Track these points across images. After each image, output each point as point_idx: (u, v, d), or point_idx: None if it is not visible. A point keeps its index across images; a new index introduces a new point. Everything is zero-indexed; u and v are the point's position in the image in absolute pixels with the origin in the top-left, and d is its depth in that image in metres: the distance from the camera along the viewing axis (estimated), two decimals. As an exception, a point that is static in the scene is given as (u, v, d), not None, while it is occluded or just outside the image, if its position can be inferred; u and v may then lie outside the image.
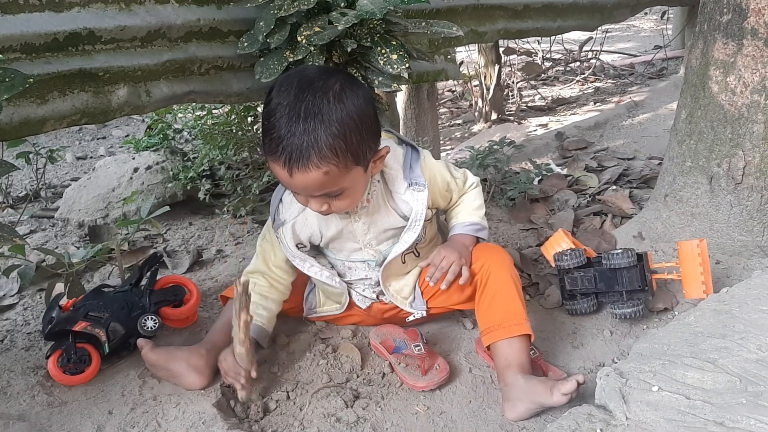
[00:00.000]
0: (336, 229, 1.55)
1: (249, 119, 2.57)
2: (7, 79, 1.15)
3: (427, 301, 1.64)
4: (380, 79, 1.77)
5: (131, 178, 2.53)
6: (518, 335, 1.45)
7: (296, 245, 1.56)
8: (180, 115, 2.77)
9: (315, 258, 1.60)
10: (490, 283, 1.53)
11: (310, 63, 1.69)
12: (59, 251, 2.06)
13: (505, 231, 2.25)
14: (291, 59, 1.72)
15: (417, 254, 1.62)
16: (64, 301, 1.65)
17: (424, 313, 1.65)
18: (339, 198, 1.38)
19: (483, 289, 1.54)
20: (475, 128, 4.04)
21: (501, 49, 4.10)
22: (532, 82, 5.03)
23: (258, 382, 1.49)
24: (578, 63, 5.37)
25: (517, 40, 4.86)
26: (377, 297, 1.66)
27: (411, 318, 1.65)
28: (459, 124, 4.31)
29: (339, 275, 1.63)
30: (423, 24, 1.84)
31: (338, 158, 1.30)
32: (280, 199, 1.56)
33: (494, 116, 4.02)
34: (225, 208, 2.47)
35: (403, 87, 2.67)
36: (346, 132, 1.30)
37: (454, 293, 1.61)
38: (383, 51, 1.72)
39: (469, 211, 1.64)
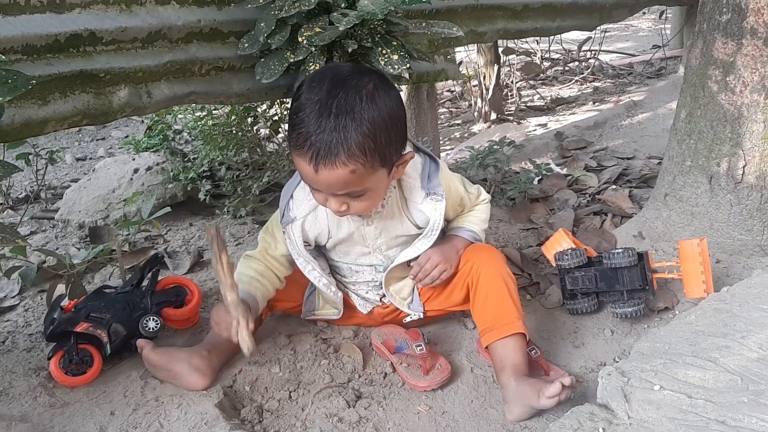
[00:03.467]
0: (347, 232, 1.54)
1: (249, 120, 2.58)
2: (9, 81, 1.15)
3: (424, 303, 1.65)
4: (381, 79, 1.77)
5: (131, 179, 2.53)
6: (511, 335, 1.45)
7: (304, 243, 1.55)
8: (180, 115, 2.77)
9: (317, 260, 1.59)
10: (481, 283, 1.53)
11: (311, 64, 1.70)
12: (60, 252, 2.06)
13: (506, 231, 2.25)
14: (292, 60, 1.72)
15: None
16: (65, 302, 1.65)
17: (421, 315, 1.65)
18: (359, 199, 1.37)
19: (475, 289, 1.54)
20: (475, 128, 4.04)
21: (500, 49, 4.10)
22: (531, 82, 5.04)
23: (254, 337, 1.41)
24: (577, 63, 5.38)
25: (516, 40, 4.86)
26: (380, 299, 1.66)
27: (408, 319, 1.66)
28: (458, 124, 4.31)
29: (344, 277, 1.64)
30: (423, 24, 1.85)
31: (366, 157, 1.29)
32: (291, 195, 1.54)
33: (494, 116, 4.02)
34: (225, 209, 2.47)
35: (403, 87, 2.67)
36: (376, 132, 1.29)
37: (450, 296, 1.62)
38: (384, 51, 1.72)
39: (474, 220, 1.65)
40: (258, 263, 1.59)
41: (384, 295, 1.64)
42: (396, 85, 1.78)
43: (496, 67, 3.92)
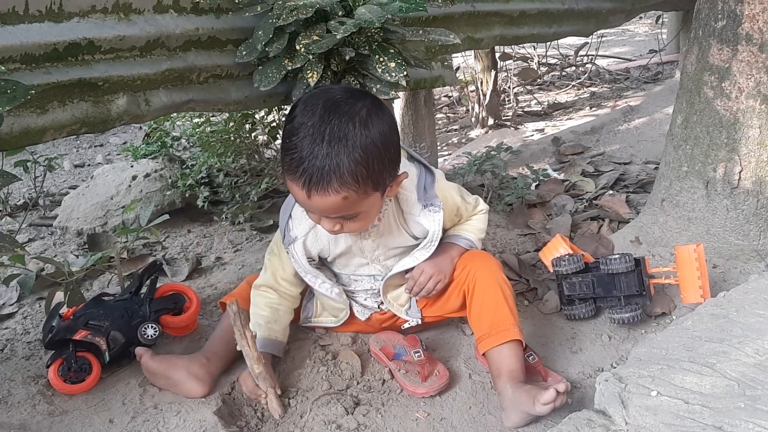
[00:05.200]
0: (345, 246, 1.55)
1: (247, 127, 2.58)
2: (8, 91, 1.16)
3: (421, 310, 1.66)
4: (378, 86, 1.78)
5: (130, 185, 2.53)
6: (507, 341, 1.46)
7: (308, 259, 1.56)
8: (178, 122, 2.77)
9: (322, 270, 1.60)
10: (476, 290, 1.54)
11: (308, 71, 1.70)
12: (58, 260, 2.06)
13: (503, 236, 2.26)
14: (289, 67, 1.73)
15: None
16: (64, 310, 1.66)
17: (419, 321, 1.66)
18: (353, 220, 1.37)
19: (471, 296, 1.55)
20: (472, 134, 4.05)
21: (497, 55, 4.12)
22: (529, 88, 5.05)
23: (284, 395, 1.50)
24: (574, 68, 5.39)
25: (513, 46, 4.87)
26: (378, 306, 1.67)
27: (406, 326, 1.67)
28: (456, 130, 4.32)
29: (344, 285, 1.64)
30: (420, 32, 1.85)
31: (358, 185, 1.29)
32: (290, 215, 1.54)
33: (491, 121, 4.03)
34: (223, 215, 2.47)
35: (400, 94, 2.68)
36: (369, 159, 1.29)
37: (446, 302, 1.62)
38: (381, 59, 1.73)
39: (470, 229, 1.65)
40: (270, 295, 1.60)
41: (382, 302, 1.65)
42: (393, 92, 1.80)
43: (493, 73, 3.93)
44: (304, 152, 1.27)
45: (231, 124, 2.55)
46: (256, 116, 2.60)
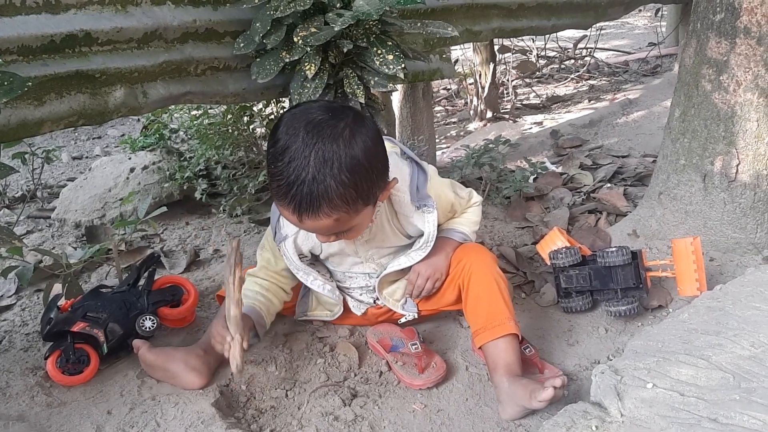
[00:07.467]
0: (338, 246, 1.55)
1: (245, 119, 2.58)
2: (5, 83, 1.16)
3: (417, 304, 1.66)
4: (376, 79, 1.78)
5: (128, 178, 2.53)
6: (503, 336, 1.46)
7: (299, 256, 1.57)
8: (176, 114, 2.77)
9: (315, 266, 1.61)
10: (472, 284, 1.54)
11: (306, 64, 1.70)
12: (56, 252, 2.06)
13: (501, 229, 2.26)
14: (287, 60, 1.73)
15: None
16: (62, 302, 1.66)
17: (416, 315, 1.67)
18: (346, 232, 1.38)
19: (467, 290, 1.55)
20: (471, 126, 4.05)
21: (496, 48, 4.11)
22: (527, 80, 5.04)
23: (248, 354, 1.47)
24: (573, 61, 5.38)
25: (511, 39, 4.86)
26: (374, 301, 1.67)
27: (403, 320, 1.67)
28: (454, 123, 4.31)
29: (339, 282, 1.65)
30: (418, 24, 1.85)
31: (349, 206, 1.28)
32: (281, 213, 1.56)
33: (489, 114, 4.02)
34: (221, 208, 2.47)
35: (399, 86, 2.68)
36: (357, 180, 1.27)
37: (442, 297, 1.63)
38: (379, 51, 1.73)
39: (464, 222, 1.66)
40: (263, 280, 1.62)
41: (377, 298, 1.66)
42: (391, 84, 1.79)
43: (491, 66, 3.92)
44: (290, 178, 1.25)
45: (229, 116, 2.55)
46: (254, 108, 2.59)
